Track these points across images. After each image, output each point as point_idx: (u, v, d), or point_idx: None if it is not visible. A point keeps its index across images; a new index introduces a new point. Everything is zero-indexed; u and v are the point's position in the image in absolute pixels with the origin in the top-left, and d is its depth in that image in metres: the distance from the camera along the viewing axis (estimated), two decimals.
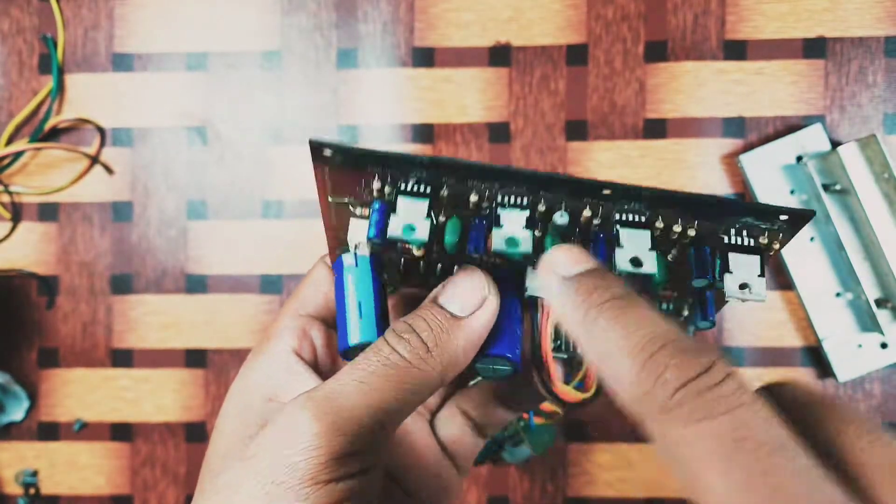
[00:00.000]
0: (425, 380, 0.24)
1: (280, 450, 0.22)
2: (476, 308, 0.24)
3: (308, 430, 0.22)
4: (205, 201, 0.48)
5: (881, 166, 0.43)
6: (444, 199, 0.23)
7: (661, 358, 0.18)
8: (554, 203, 0.23)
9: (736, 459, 0.17)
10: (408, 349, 0.23)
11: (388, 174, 0.23)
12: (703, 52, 0.47)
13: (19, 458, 0.49)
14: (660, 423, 0.18)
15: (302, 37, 0.48)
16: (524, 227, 0.23)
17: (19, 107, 0.49)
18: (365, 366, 0.23)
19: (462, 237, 0.24)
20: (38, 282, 0.49)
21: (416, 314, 0.24)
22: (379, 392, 0.23)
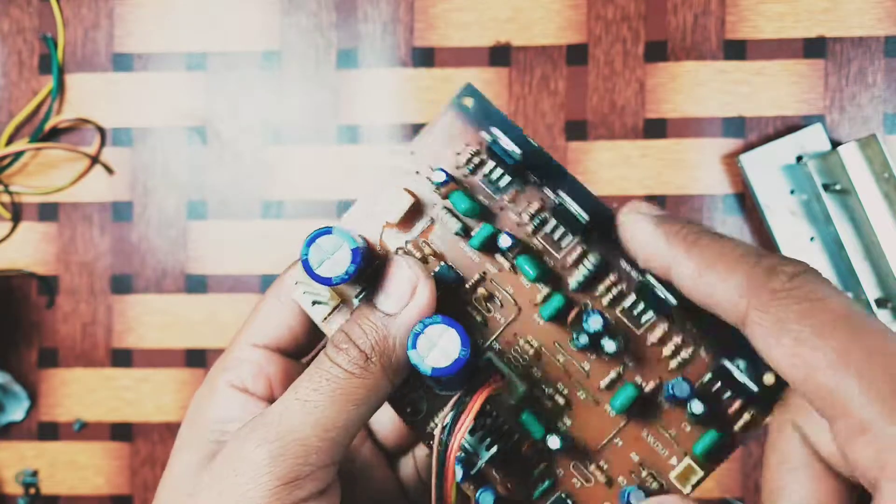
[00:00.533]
0: (371, 388, 0.23)
1: (227, 483, 0.22)
2: (409, 299, 0.23)
3: (254, 458, 0.22)
4: (205, 201, 0.48)
5: (881, 166, 0.43)
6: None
7: (769, 257, 0.20)
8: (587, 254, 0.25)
9: (866, 327, 0.18)
10: (346, 360, 0.23)
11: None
12: (703, 52, 0.47)
13: (19, 457, 0.49)
14: (777, 306, 0.19)
15: (302, 37, 0.48)
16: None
17: (19, 107, 0.49)
18: (307, 383, 0.23)
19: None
20: (38, 282, 0.49)
21: (352, 321, 0.24)
22: (324, 409, 0.22)
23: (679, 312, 0.24)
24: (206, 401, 0.26)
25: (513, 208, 0.25)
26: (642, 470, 0.24)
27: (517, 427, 0.24)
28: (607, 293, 0.25)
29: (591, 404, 0.24)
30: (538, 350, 0.25)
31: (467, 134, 0.26)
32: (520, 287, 0.25)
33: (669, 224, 0.22)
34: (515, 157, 0.25)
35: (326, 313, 0.25)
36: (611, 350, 0.24)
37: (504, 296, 0.25)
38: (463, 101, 0.25)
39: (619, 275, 0.24)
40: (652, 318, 0.24)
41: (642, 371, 0.24)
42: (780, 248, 0.45)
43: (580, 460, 0.24)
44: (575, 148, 0.47)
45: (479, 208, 0.25)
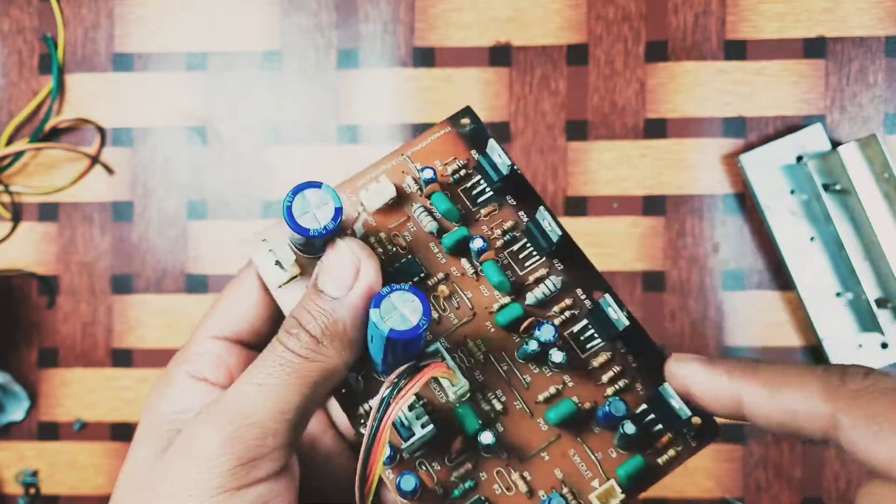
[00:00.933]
0: (325, 370, 0.24)
1: (184, 468, 0.22)
2: (353, 280, 0.24)
3: (208, 442, 0.22)
4: (205, 201, 0.48)
5: (881, 166, 0.43)
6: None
7: (834, 366, 0.21)
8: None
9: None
10: (298, 345, 0.23)
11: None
12: (703, 52, 0.47)
13: (19, 457, 0.49)
14: (863, 404, 0.20)
15: (302, 37, 0.48)
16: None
17: (19, 107, 0.49)
18: (262, 368, 0.23)
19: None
20: (38, 282, 0.49)
21: (301, 305, 0.24)
22: (279, 392, 0.23)
23: (625, 338, 0.26)
24: (163, 392, 0.26)
25: (487, 222, 0.27)
26: (563, 487, 0.25)
27: (452, 421, 0.25)
28: (561, 314, 0.26)
29: (526, 415, 0.25)
30: (485, 355, 0.26)
31: (458, 149, 0.27)
32: (478, 294, 0.26)
33: (723, 362, 0.23)
34: (502, 172, 0.26)
35: (284, 280, 0.26)
36: (558, 360, 0.25)
37: (463, 298, 0.26)
38: (461, 121, 0.28)
39: (575, 300, 0.26)
40: (598, 345, 0.26)
41: (581, 391, 0.25)
42: (780, 248, 0.45)
43: (505, 467, 0.25)
44: (575, 148, 0.47)
45: (457, 212, 0.27)
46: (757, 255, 0.46)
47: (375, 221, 0.27)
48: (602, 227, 0.47)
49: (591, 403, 0.25)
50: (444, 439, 0.25)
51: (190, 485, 0.22)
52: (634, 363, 0.26)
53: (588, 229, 0.47)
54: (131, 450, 0.25)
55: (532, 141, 0.47)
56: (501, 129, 0.47)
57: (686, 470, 0.46)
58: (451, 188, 0.27)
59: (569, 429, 0.25)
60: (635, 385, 0.25)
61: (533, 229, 0.26)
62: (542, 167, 0.47)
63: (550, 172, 0.47)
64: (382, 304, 0.23)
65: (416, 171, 0.27)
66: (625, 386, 0.25)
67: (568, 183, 0.47)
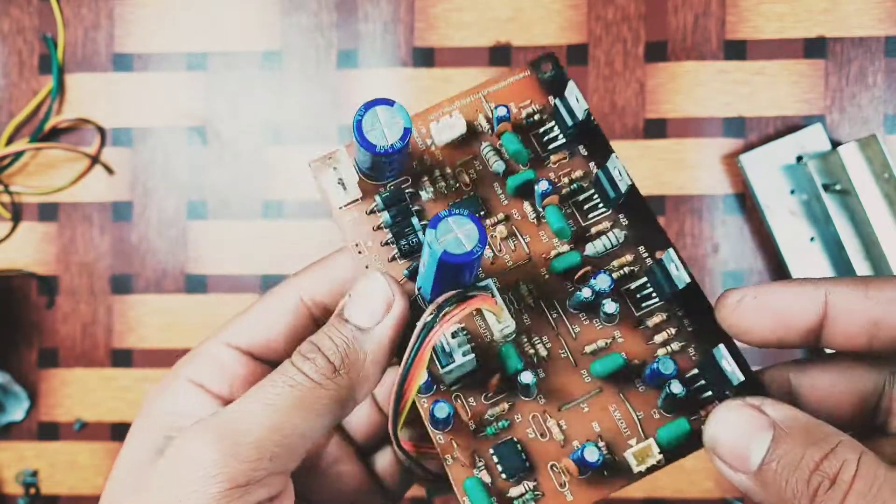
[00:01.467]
0: (335, 400, 0.23)
1: (175, 481, 0.21)
2: (383, 314, 0.23)
3: (204, 457, 0.21)
4: (205, 201, 0.48)
5: (881, 166, 0.43)
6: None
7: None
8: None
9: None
10: (313, 369, 0.23)
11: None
12: (703, 52, 0.47)
13: (19, 457, 0.49)
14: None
15: (302, 37, 0.48)
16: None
17: (19, 107, 0.49)
18: (270, 388, 0.22)
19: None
20: (38, 282, 0.49)
21: (323, 331, 0.23)
22: (284, 415, 0.22)
23: (682, 299, 0.24)
24: (161, 391, 0.25)
25: (555, 169, 0.26)
26: (599, 440, 0.24)
27: (493, 359, 0.25)
28: (619, 269, 0.25)
29: (570, 364, 0.25)
30: (536, 300, 0.25)
31: (536, 94, 0.27)
32: (537, 239, 0.26)
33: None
34: (578, 116, 0.25)
35: (345, 201, 0.26)
36: (610, 310, 0.24)
37: (520, 241, 0.26)
38: (542, 66, 0.27)
39: (636, 257, 0.25)
40: (654, 304, 0.25)
41: (630, 348, 0.25)
42: (780, 248, 0.45)
43: (541, 413, 0.24)
44: None
45: (526, 155, 0.26)
46: (757, 255, 0.46)
47: (442, 155, 0.27)
48: None
49: (639, 361, 0.24)
50: (483, 376, 0.24)
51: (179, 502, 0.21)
52: (690, 327, 0.25)
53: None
54: (125, 445, 0.24)
55: None
56: None
57: (685, 470, 0.46)
58: (523, 130, 0.26)
59: (612, 383, 0.24)
60: (688, 349, 0.24)
61: (602, 178, 0.25)
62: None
63: None
64: (439, 225, 0.22)
65: (489, 111, 0.27)
66: (678, 349, 0.24)
67: None
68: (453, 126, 0.26)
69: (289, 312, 0.27)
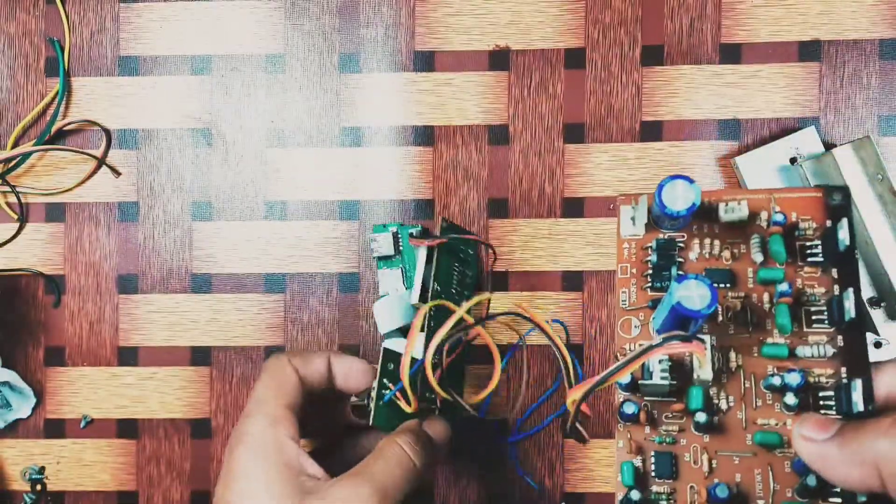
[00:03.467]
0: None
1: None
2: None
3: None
4: (209, 202, 0.49)
5: (875, 168, 0.43)
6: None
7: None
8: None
9: None
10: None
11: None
12: (698, 55, 0.47)
13: (26, 454, 0.49)
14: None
15: (305, 41, 0.49)
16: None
17: (26, 109, 0.49)
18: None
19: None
20: (44, 281, 0.49)
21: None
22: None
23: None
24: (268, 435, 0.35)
25: (804, 277, 0.31)
26: (735, 487, 0.29)
27: (684, 392, 0.30)
28: (816, 377, 0.30)
29: (741, 424, 0.30)
30: (738, 367, 0.31)
31: (817, 213, 0.32)
32: (762, 324, 0.31)
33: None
34: (840, 248, 0.30)
35: (630, 234, 0.33)
36: (790, 402, 0.29)
37: (747, 319, 0.31)
38: (833, 194, 0.32)
39: (835, 372, 0.30)
40: (832, 416, 0.29)
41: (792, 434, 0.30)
42: None
43: (702, 447, 0.30)
44: (572, 150, 0.48)
45: (784, 256, 0.31)
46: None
47: (719, 229, 0.32)
48: (599, 228, 0.48)
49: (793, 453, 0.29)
50: (670, 400, 0.31)
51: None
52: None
53: (585, 230, 0.47)
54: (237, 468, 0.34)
55: (530, 143, 0.48)
56: (500, 131, 0.48)
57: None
58: (791, 236, 0.31)
59: (767, 454, 0.29)
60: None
61: (834, 303, 0.30)
62: (540, 169, 0.48)
63: (548, 174, 0.48)
64: (684, 283, 0.28)
65: (772, 210, 0.32)
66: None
67: (565, 185, 0.48)
68: (738, 210, 0.31)
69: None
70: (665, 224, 0.33)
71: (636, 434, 0.31)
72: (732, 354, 0.31)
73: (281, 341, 0.48)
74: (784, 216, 0.31)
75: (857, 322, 0.29)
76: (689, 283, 0.28)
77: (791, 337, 0.31)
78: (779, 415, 0.30)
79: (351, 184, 0.48)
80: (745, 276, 0.32)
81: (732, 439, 0.30)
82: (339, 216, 0.48)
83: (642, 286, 0.33)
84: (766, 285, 0.31)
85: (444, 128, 0.48)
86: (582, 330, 0.47)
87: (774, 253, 0.31)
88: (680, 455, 0.30)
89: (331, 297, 0.48)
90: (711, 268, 0.32)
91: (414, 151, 0.48)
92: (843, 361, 0.30)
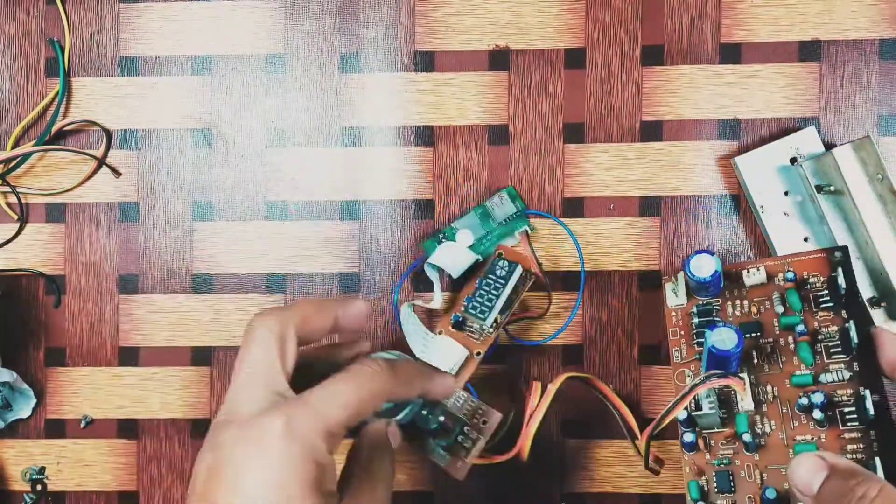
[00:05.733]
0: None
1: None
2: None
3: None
4: (210, 202, 0.49)
5: (875, 167, 0.43)
6: None
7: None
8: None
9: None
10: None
11: None
12: (698, 55, 0.47)
13: (26, 455, 0.49)
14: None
15: (305, 41, 0.49)
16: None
17: (26, 110, 0.49)
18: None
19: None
20: (45, 281, 0.49)
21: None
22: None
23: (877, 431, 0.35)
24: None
25: (819, 320, 0.38)
26: (783, 491, 0.36)
27: (734, 420, 0.37)
28: (840, 396, 0.36)
29: (782, 442, 0.37)
30: (774, 397, 0.38)
31: (821, 268, 0.39)
32: (790, 359, 0.38)
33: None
34: (840, 292, 0.38)
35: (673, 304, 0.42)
36: (817, 417, 0.36)
37: (778, 358, 0.38)
38: (835, 254, 0.39)
39: (854, 392, 0.36)
40: (855, 426, 0.35)
41: (827, 446, 0.36)
42: (774, 248, 0.46)
43: (753, 464, 0.37)
44: (573, 150, 0.48)
45: (799, 305, 0.39)
46: (751, 254, 0.47)
47: (747, 292, 0.40)
48: (599, 227, 0.48)
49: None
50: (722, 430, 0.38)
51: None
52: (877, 448, 0.35)
53: (585, 230, 0.47)
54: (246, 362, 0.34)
55: (530, 143, 0.48)
56: (500, 131, 0.48)
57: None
58: (803, 289, 0.39)
59: None
60: (868, 462, 0.34)
61: (843, 335, 0.37)
62: (540, 169, 0.48)
63: (548, 174, 0.48)
64: (715, 330, 0.36)
65: (785, 271, 0.40)
66: (859, 459, 0.35)
67: (565, 184, 0.48)
68: (758, 275, 0.40)
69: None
70: (701, 293, 0.40)
71: (697, 459, 0.38)
72: (769, 388, 0.38)
73: None
74: (795, 273, 0.39)
75: (858, 346, 0.37)
76: (720, 330, 0.36)
77: (815, 368, 0.37)
78: (813, 430, 0.37)
79: (351, 184, 0.48)
80: (771, 325, 0.39)
81: (777, 454, 0.37)
82: (339, 216, 0.48)
83: (690, 343, 0.41)
84: (789, 330, 0.39)
85: (444, 128, 0.48)
86: (582, 330, 0.47)
87: (791, 303, 0.39)
88: (736, 473, 0.37)
89: (331, 297, 0.48)
90: (743, 322, 0.40)
91: (414, 151, 0.48)
92: (860, 381, 0.36)
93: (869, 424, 0.35)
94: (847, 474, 0.31)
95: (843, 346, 0.37)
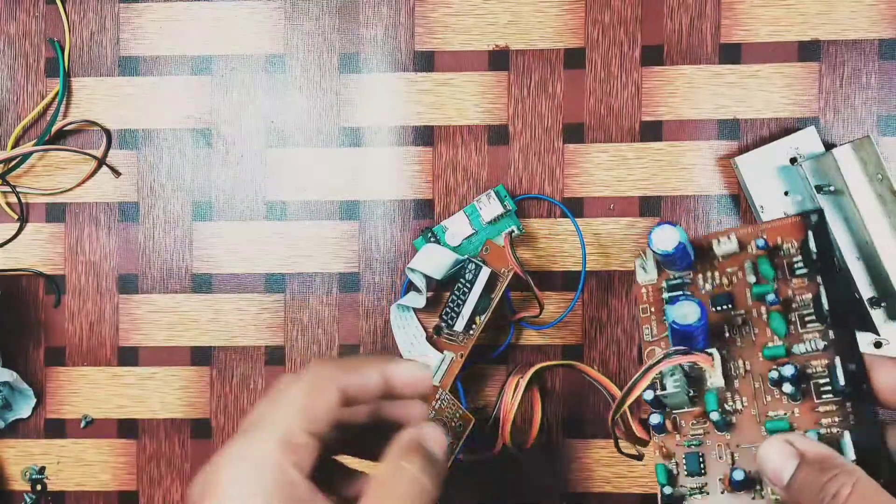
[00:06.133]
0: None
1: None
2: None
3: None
4: (209, 202, 0.49)
5: (875, 167, 0.43)
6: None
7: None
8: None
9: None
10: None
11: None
12: (698, 55, 0.47)
13: (26, 454, 0.49)
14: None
15: (305, 41, 0.49)
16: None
17: (26, 110, 0.49)
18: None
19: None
20: (45, 281, 0.49)
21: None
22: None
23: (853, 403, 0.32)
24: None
25: (794, 287, 0.35)
26: (749, 473, 0.33)
27: (701, 399, 0.35)
28: (814, 368, 0.34)
29: (755, 419, 0.34)
30: (746, 371, 0.35)
31: (795, 233, 0.36)
32: (762, 332, 0.35)
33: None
34: (813, 257, 0.35)
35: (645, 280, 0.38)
36: (787, 391, 0.33)
37: (750, 331, 0.36)
38: (811, 216, 0.36)
39: (829, 363, 0.33)
40: (830, 399, 0.33)
41: (800, 420, 0.34)
42: None
43: (724, 444, 0.35)
44: (572, 150, 0.48)
45: (772, 274, 0.35)
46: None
47: (718, 264, 0.37)
48: (599, 227, 0.48)
49: (803, 431, 0.33)
50: (691, 406, 0.35)
51: None
52: (853, 420, 0.32)
53: (585, 230, 0.48)
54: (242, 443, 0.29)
55: (530, 143, 0.48)
56: (500, 131, 0.48)
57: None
58: (776, 256, 0.36)
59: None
60: (843, 434, 0.32)
61: (816, 301, 0.35)
62: (540, 170, 0.48)
63: (548, 175, 0.48)
64: (676, 304, 0.33)
65: (757, 238, 0.37)
66: (834, 432, 0.32)
67: (565, 185, 0.48)
68: (729, 244, 0.37)
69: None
70: (671, 267, 0.38)
71: (666, 441, 0.36)
72: (741, 362, 0.35)
73: (281, 341, 0.48)
74: (766, 241, 0.36)
75: (830, 311, 0.34)
76: (681, 304, 0.33)
77: (788, 339, 0.35)
78: (786, 406, 0.34)
79: (351, 184, 0.48)
80: (744, 296, 0.36)
81: (749, 433, 0.34)
82: (339, 216, 0.48)
83: (661, 320, 0.38)
84: (760, 300, 0.36)
85: (444, 128, 0.48)
86: (582, 330, 0.47)
87: (763, 272, 0.36)
88: (707, 454, 0.35)
89: (331, 297, 0.48)
90: (717, 294, 0.37)
91: (414, 151, 0.48)
92: (835, 351, 0.34)
93: (844, 396, 0.33)
94: (819, 465, 0.28)
95: (816, 313, 0.35)
